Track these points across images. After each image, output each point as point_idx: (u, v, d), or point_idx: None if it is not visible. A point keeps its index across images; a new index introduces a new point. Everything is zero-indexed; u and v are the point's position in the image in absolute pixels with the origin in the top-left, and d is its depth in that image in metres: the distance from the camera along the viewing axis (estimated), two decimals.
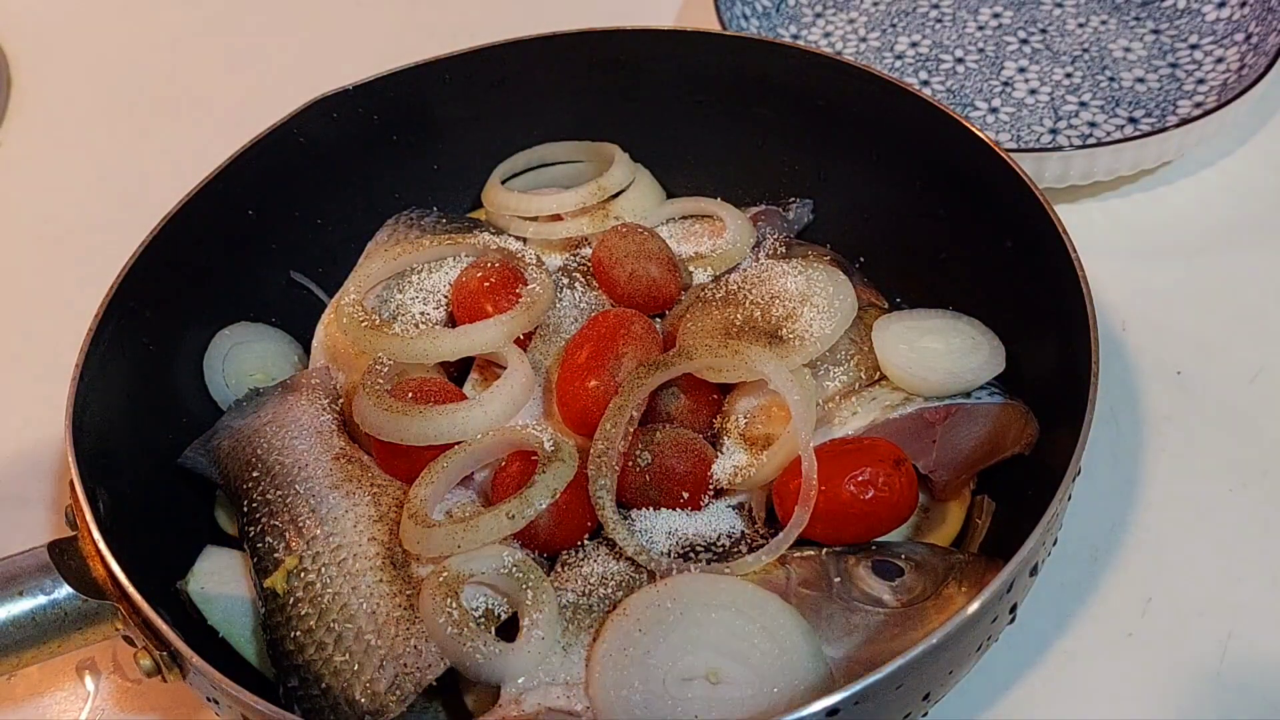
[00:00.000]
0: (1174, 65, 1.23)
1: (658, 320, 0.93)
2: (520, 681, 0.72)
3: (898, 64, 1.27)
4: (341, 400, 0.91)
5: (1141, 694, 0.81)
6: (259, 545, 0.81)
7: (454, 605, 0.73)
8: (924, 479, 0.84)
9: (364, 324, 0.87)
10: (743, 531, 0.80)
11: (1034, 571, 0.74)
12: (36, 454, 1.02)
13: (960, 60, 1.27)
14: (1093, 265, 0.82)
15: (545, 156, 1.09)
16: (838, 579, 0.76)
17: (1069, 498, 0.74)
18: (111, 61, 1.45)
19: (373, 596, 0.76)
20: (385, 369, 0.85)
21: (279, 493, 0.83)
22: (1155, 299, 1.05)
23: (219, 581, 0.83)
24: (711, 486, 0.81)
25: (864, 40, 1.31)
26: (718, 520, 0.80)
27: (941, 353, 0.84)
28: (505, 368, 0.85)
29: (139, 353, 0.90)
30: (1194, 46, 1.24)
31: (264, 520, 0.82)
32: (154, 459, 0.89)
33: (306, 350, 1.01)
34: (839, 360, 0.86)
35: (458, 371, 0.91)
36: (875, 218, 1.02)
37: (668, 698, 0.69)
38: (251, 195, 0.99)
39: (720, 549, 0.79)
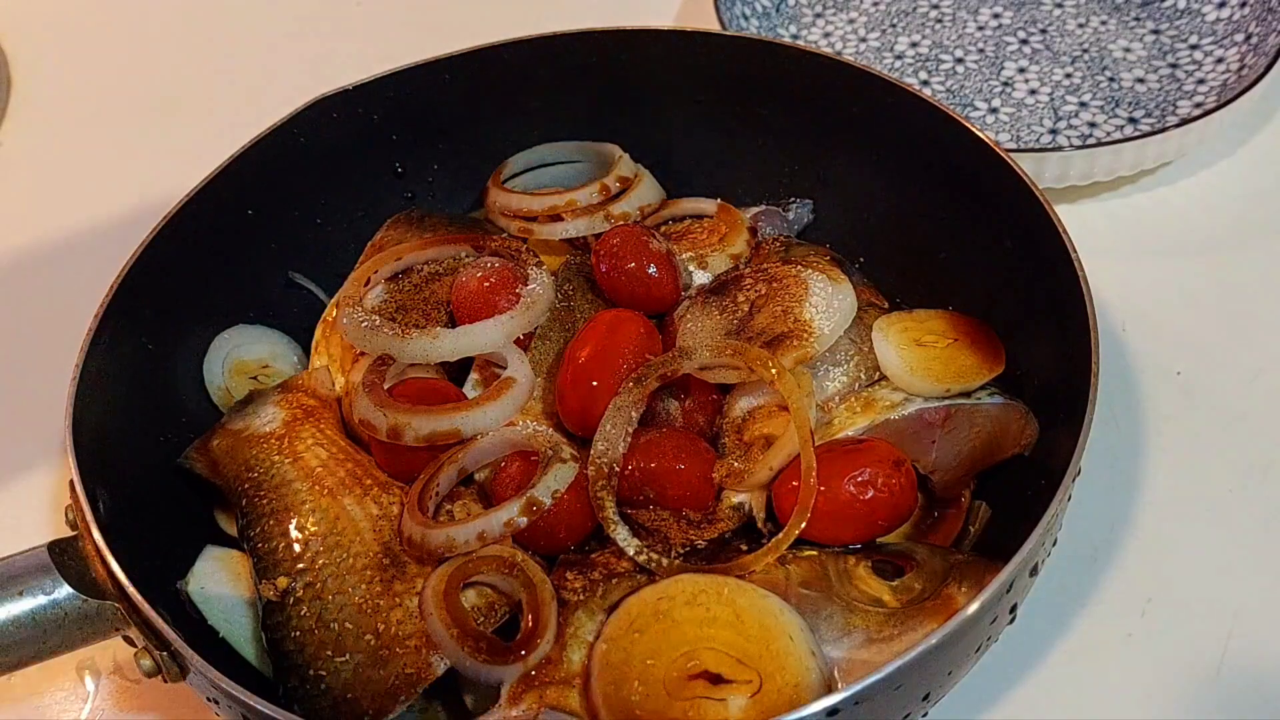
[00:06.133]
0: (1174, 65, 1.23)
1: (658, 320, 0.93)
2: (520, 681, 0.72)
3: (898, 64, 1.27)
4: (341, 400, 0.91)
5: (1141, 694, 0.81)
6: (259, 545, 0.81)
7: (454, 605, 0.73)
8: (924, 479, 0.84)
9: (364, 324, 0.87)
10: (743, 531, 0.80)
11: (1034, 571, 0.74)
12: (36, 454, 1.02)
13: (960, 60, 1.27)
14: (1093, 265, 0.82)
15: (545, 156, 1.09)
16: (838, 579, 0.76)
17: (1069, 498, 0.74)
18: (111, 61, 1.45)
19: (372, 596, 0.76)
20: (385, 369, 0.86)
21: (278, 493, 0.83)
22: (1155, 299, 1.04)
23: (219, 581, 0.83)
24: (712, 487, 0.81)
25: (864, 40, 1.31)
26: (718, 520, 0.80)
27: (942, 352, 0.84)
28: (505, 368, 0.85)
29: (139, 353, 0.90)
30: (1194, 47, 1.24)
31: (264, 520, 0.82)
32: (154, 459, 0.89)
33: (306, 350, 1.01)
34: (839, 360, 0.85)
35: (458, 371, 0.91)
36: (875, 218, 1.02)
37: (667, 697, 0.69)
38: (251, 195, 0.99)
39: (720, 549, 0.79)
